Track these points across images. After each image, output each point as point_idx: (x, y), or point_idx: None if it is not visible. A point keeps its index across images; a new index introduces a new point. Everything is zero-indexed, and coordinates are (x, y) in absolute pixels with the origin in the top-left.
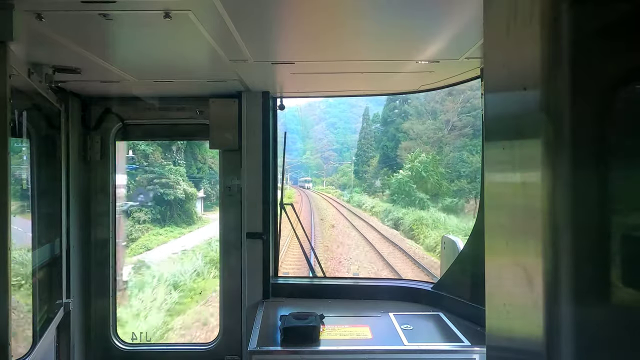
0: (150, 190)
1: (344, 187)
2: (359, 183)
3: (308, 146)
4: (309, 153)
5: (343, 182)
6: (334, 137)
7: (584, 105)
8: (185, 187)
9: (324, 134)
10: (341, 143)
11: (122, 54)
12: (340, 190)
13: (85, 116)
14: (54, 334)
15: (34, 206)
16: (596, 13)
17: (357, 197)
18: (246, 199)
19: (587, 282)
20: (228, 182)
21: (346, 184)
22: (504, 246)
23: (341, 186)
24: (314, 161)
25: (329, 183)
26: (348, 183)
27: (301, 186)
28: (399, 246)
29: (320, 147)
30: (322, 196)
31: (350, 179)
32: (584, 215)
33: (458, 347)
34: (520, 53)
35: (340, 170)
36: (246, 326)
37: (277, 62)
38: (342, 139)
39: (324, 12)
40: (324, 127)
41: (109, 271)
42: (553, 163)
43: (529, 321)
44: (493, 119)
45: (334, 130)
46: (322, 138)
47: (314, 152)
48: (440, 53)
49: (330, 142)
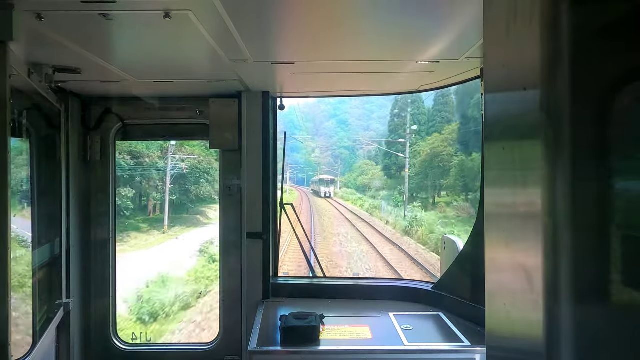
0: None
1: (363, 190)
2: (394, 185)
3: (318, 144)
4: (318, 151)
5: (363, 182)
6: (345, 135)
7: (584, 105)
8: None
9: (334, 131)
10: (354, 140)
11: (122, 54)
12: (360, 194)
13: (85, 116)
14: (54, 334)
15: (34, 206)
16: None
17: (423, 215)
18: (246, 199)
19: (587, 282)
20: (228, 182)
21: (368, 186)
22: (504, 246)
23: (360, 188)
24: (324, 160)
25: (343, 184)
26: (370, 184)
27: (315, 191)
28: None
29: (330, 145)
30: (339, 206)
31: (373, 179)
32: (584, 215)
33: (458, 347)
34: (520, 53)
35: (357, 168)
36: (246, 326)
37: (277, 62)
38: (354, 136)
39: (324, 13)
40: (334, 124)
41: (109, 271)
42: (553, 163)
43: (529, 321)
44: (493, 119)
45: (346, 128)
46: (333, 135)
47: (323, 150)
48: (440, 53)
49: (341, 139)
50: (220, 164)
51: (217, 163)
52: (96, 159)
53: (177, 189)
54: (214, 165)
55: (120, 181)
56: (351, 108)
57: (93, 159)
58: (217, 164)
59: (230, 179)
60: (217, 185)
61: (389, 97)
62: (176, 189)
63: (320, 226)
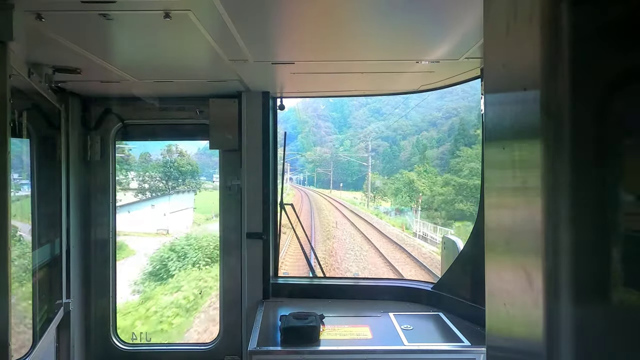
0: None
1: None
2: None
3: (347, 135)
4: (348, 143)
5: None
6: (384, 124)
7: (584, 105)
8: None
9: (367, 121)
10: (393, 130)
11: (122, 54)
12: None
13: (85, 116)
14: (54, 334)
15: (34, 206)
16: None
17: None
18: (246, 199)
19: (587, 282)
20: (228, 182)
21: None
22: (504, 246)
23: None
24: (355, 153)
25: (395, 193)
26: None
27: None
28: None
29: (363, 136)
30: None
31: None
32: (584, 215)
33: (458, 347)
34: (520, 53)
35: (419, 169)
36: (246, 326)
37: (277, 62)
38: (394, 125)
39: (324, 12)
40: (366, 112)
41: (109, 271)
42: (553, 163)
43: (529, 321)
44: (493, 118)
45: (380, 117)
46: (365, 126)
47: (355, 140)
48: (440, 53)
49: (375, 129)
50: (220, 164)
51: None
52: (96, 159)
53: None
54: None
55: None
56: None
57: (93, 159)
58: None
59: (230, 179)
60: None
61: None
62: None
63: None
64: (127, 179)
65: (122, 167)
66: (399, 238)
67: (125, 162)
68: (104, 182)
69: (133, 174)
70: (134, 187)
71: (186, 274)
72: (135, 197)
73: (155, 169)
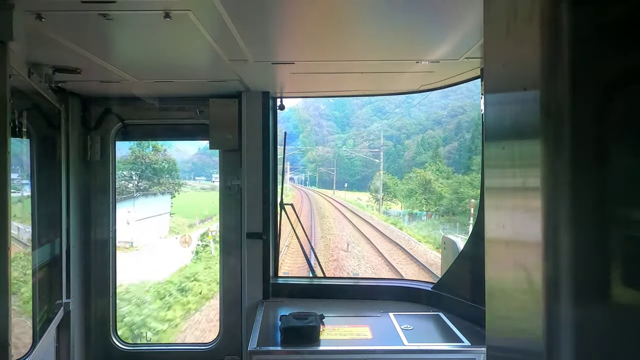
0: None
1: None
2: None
3: (350, 134)
4: (351, 142)
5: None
6: (387, 122)
7: (584, 105)
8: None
9: (370, 120)
10: (397, 128)
11: (122, 54)
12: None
13: (85, 116)
14: (54, 334)
15: (34, 206)
16: (596, 13)
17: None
18: (246, 199)
19: (587, 282)
20: (228, 182)
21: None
22: (504, 246)
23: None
24: (359, 152)
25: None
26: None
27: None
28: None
29: (366, 134)
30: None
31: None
32: (584, 215)
33: (458, 347)
34: (520, 53)
35: (431, 168)
36: (246, 326)
37: (277, 62)
38: (397, 124)
39: (324, 13)
40: (369, 111)
41: (109, 271)
42: (553, 163)
43: (529, 321)
44: (493, 118)
45: (382, 116)
46: (368, 125)
47: (359, 139)
48: (440, 53)
49: (379, 128)
50: (220, 164)
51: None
52: (96, 159)
53: None
54: None
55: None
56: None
57: (93, 159)
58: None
59: (230, 179)
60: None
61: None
62: None
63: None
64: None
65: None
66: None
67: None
68: (104, 182)
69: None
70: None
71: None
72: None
73: (124, 166)
